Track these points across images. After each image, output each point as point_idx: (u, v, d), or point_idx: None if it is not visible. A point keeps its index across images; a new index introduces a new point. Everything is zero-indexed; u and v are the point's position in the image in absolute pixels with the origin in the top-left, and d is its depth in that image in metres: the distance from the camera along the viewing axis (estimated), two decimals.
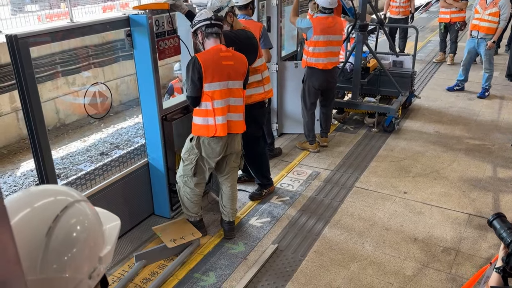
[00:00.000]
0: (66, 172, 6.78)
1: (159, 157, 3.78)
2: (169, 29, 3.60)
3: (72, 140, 8.22)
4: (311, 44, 4.81)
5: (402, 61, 6.21)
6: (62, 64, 8.82)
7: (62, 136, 8.55)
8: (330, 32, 4.79)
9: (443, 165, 4.88)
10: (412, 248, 3.55)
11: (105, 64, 9.62)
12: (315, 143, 5.21)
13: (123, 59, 9.89)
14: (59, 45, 8.53)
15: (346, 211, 4.07)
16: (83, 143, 8.03)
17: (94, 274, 0.89)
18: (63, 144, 8.00)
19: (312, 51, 4.83)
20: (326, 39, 4.79)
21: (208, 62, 3.22)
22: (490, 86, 7.02)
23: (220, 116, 3.26)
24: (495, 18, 6.74)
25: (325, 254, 3.50)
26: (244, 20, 4.28)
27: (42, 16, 10.07)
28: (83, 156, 7.38)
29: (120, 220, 1.02)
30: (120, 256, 3.53)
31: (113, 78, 9.85)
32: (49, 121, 8.70)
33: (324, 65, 4.86)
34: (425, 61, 9.22)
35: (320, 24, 4.73)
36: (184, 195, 3.58)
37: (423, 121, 6.10)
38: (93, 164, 6.90)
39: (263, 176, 4.26)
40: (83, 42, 8.97)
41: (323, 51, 4.82)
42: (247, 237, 3.73)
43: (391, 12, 8.55)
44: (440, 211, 4.04)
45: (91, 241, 0.90)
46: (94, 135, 8.41)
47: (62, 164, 7.06)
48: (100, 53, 9.47)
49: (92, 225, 0.91)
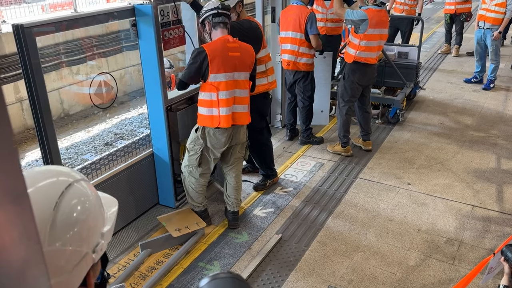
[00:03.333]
0: (71, 162, 6.82)
1: (164, 147, 3.80)
2: (174, 19, 3.60)
3: (76, 130, 8.26)
4: (364, 38, 4.50)
5: (407, 52, 6.18)
6: (66, 54, 8.84)
7: (66, 126, 8.58)
8: (383, 26, 4.57)
9: (447, 156, 4.88)
10: (415, 239, 3.57)
11: (109, 54, 9.62)
12: (348, 146, 4.92)
13: (127, 50, 9.88)
14: (63, 35, 8.54)
15: (349, 202, 4.08)
16: (88, 133, 8.06)
17: (98, 249, 0.95)
18: (67, 135, 8.03)
19: (364, 45, 4.53)
20: (379, 32, 4.55)
21: (215, 53, 3.22)
22: (495, 78, 6.98)
23: (224, 107, 3.27)
24: (502, 8, 6.68)
25: (329, 244, 3.53)
26: (296, 6, 4.69)
27: (46, 6, 10.06)
28: (88, 146, 7.42)
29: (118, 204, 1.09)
30: (125, 245, 3.57)
31: (117, 68, 9.85)
32: (53, 111, 8.72)
33: (373, 60, 4.65)
34: (431, 52, 9.17)
35: (375, 17, 4.46)
36: (189, 185, 3.60)
37: (427, 113, 6.08)
38: (98, 154, 6.94)
39: (267, 167, 4.28)
40: (88, 33, 8.97)
41: (375, 44, 4.58)
42: (251, 227, 3.76)
43: (395, 9, 8.20)
44: (443, 202, 4.05)
45: (94, 217, 0.95)
46: (98, 125, 8.44)
47: (67, 154, 7.10)
48: (104, 44, 9.47)
49: (94, 201, 0.97)
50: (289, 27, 4.72)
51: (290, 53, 4.78)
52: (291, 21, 4.71)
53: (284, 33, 4.79)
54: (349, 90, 4.73)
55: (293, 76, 4.90)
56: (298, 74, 4.87)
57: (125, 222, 3.78)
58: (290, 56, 4.79)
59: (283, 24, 4.81)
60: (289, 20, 4.73)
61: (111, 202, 1.07)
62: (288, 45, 4.77)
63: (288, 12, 4.76)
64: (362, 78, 4.68)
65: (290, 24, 4.71)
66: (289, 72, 4.92)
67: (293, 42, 4.74)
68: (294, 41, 4.74)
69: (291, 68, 4.84)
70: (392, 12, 8.19)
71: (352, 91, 4.73)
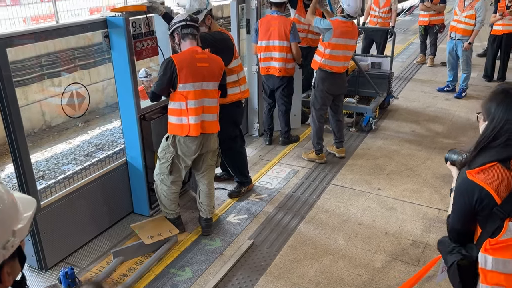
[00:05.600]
0: (50, 173, 6.82)
1: (138, 156, 3.86)
2: (146, 30, 3.70)
3: (58, 142, 8.26)
4: (328, 46, 4.70)
5: (380, 63, 6.36)
6: (47, 67, 8.86)
7: (48, 138, 8.58)
8: (348, 36, 4.72)
9: (417, 162, 5.03)
10: (382, 242, 3.67)
11: (91, 66, 9.67)
12: (322, 153, 5.04)
13: (109, 61, 9.94)
14: (44, 47, 8.58)
15: (321, 208, 4.19)
16: (69, 144, 8.07)
17: (8, 245, 1.02)
18: (48, 146, 8.03)
19: (329, 53, 4.71)
20: (344, 42, 4.72)
21: (183, 63, 3.32)
22: (467, 87, 7.20)
23: (193, 116, 3.37)
24: (472, 20, 6.93)
25: (299, 249, 3.61)
26: (277, 16, 4.93)
27: (27, 19, 10.09)
28: (68, 158, 7.43)
29: (36, 203, 1.17)
30: (98, 253, 3.61)
31: (99, 80, 9.90)
32: (35, 123, 8.73)
33: (338, 69, 4.79)
34: (406, 62, 9.41)
35: (340, 27, 4.65)
36: (161, 193, 3.67)
37: (400, 121, 6.25)
38: (77, 165, 6.96)
39: (241, 174, 4.37)
40: (69, 45, 9.02)
41: (340, 54, 4.74)
42: (224, 233, 3.83)
43: (370, 22, 8.40)
44: (411, 206, 4.18)
45: (5, 215, 1.03)
46: (79, 137, 8.46)
47: (46, 165, 7.10)
48: (86, 56, 9.51)
49: (5, 202, 1.04)
50: (274, 36, 4.97)
51: (281, 60, 5.03)
52: (275, 30, 4.95)
53: (266, 42, 5.01)
54: (319, 98, 4.90)
55: (280, 81, 5.13)
56: (284, 79, 5.13)
57: (99, 230, 3.83)
58: (281, 63, 5.04)
59: (264, 33, 5.01)
60: (272, 29, 4.96)
61: (29, 203, 1.15)
62: (277, 53, 5.02)
63: (270, 22, 4.99)
64: (330, 87, 4.84)
65: (275, 33, 4.96)
66: (277, 78, 5.12)
67: (281, 50, 5.00)
68: (282, 49, 5.00)
69: (282, 74, 5.08)
70: (367, 24, 8.43)
71: (322, 99, 4.90)
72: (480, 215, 1.80)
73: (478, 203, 1.77)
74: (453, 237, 1.98)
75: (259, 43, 5.06)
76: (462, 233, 1.92)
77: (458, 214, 1.90)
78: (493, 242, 1.71)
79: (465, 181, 1.80)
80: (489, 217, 1.76)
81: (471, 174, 1.78)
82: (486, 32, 8.19)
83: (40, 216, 3.25)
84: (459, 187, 1.87)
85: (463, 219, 1.89)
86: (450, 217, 1.99)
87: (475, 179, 1.76)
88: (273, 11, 5.03)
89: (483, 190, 1.74)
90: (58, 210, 3.40)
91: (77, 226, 3.58)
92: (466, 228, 1.91)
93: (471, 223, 1.88)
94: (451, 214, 1.98)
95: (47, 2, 9.70)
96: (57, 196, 3.42)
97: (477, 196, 1.76)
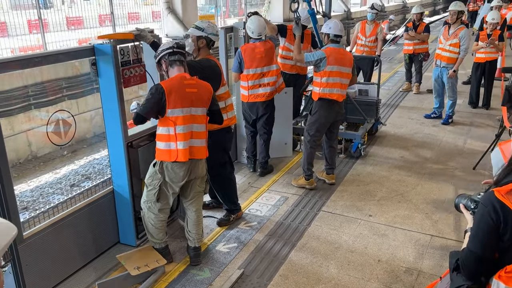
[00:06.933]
0: (34, 205, 6.65)
1: (125, 184, 3.78)
2: (134, 58, 3.70)
3: (44, 172, 8.11)
4: (324, 75, 4.67)
5: (367, 90, 6.43)
6: (34, 97, 8.80)
7: (33, 169, 8.43)
8: (342, 64, 4.70)
9: (407, 188, 5.01)
10: (375, 269, 3.60)
11: (78, 96, 9.63)
12: (311, 179, 5.00)
13: (97, 91, 9.92)
14: (32, 77, 8.55)
15: (312, 235, 4.11)
16: (55, 175, 7.92)
17: None
18: (34, 177, 7.88)
19: (326, 81, 4.68)
20: (338, 69, 4.69)
21: (172, 89, 3.30)
22: (453, 113, 7.30)
23: (181, 142, 3.33)
24: (456, 48, 7.09)
25: (290, 278, 3.52)
26: (259, 43, 4.92)
27: (15, 50, 10.09)
28: (54, 188, 7.28)
29: (17, 230, 1.14)
30: (83, 285, 3.48)
31: (87, 110, 9.85)
32: (21, 154, 8.59)
33: (337, 97, 4.73)
34: (393, 90, 9.55)
35: (333, 54, 4.64)
36: (149, 221, 3.58)
37: (389, 147, 6.28)
38: (63, 195, 6.81)
39: (230, 202, 4.30)
40: (57, 75, 9.00)
41: (337, 81, 4.70)
42: (213, 263, 3.73)
43: (356, 51, 8.55)
44: (403, 233, 4.13)
45: None
46: (66, 167, 8.32)
47: (31, 196, 6.94)
48: (74, 85, 9.49)
49: None
50: (263, 63, 4.95)
51: (272, 84, 5.05)
52: (262, 57, 4.92)
53: (254, 70, 4.95)
54: (315, 125, 4.87)
55: (264, 109, 5.08)
56: (268, 108, 5.10)
57: (84, 261, 3.69)
58: (272, 87, 5.06)
59: (250, 61, 4.93)
60: (259, 56, 4.92)
61: (5, 230, 1.11)
62: (269, 78, 5.02)
63: (254, 50, 4.93)
64: (328, 114, 4.81)
65: (263, 60, 4.94)
66: (261, 106, 5.06)
67: (272, 74, 5.03)
68: (273, 73, 5.04)
69: (271, 98, 5.08)
70: (354, 53, 8.57)
71: (319, 126, 4.87)
72: (502, 240, 1.71)
73: (503, 224, 1.68)
74: (470, 267, 1.83)
75: (245, 71, 4.98)
76: (482, 260, 1.78)
77: (480, 236, 1.78)
78: (509, 269, 1.63)
79: (491, 199, 1.72)
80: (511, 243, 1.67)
81: (499, 192, 1.70)
82: (470, 60, 8.38)
83: (23, 247, 3.12)
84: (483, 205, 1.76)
85: (485, 242, 1.76)
86: (469, 244, 1.85)
87: (503, 198, 1.68)
88: (253, 40, 4.99)
89: (510, 211, 1.66)
90: (42, 241, 3.28)
91: (61, 257, 3.45)
92: (487, 254, 1.77)
93: (493, 249, 1.76)
94: (470, 239, 1.85)
95: (36, 33, 9.74)
96: (41, 226, 3.30)
97: (503, 216, 1.68)
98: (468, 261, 1.85)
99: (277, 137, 5.61)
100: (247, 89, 5.06)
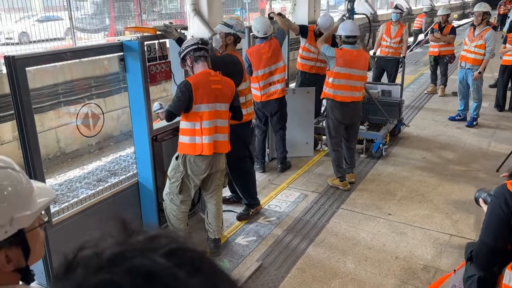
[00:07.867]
0: (62, 197, 6.90)
1: (149, 176, 3.92)
2: (160, 54, 3.83)
3: (71, 168, 8.39)
4: (331, 75, 4.73)
5: (390, 91, 6.42)
6: (64, 94, 9.11)
7: (62, 165, 8.72)
8: (353, 66, 4.68)
9: (428, 189, 4.99)
10: (392, 266, 3.62)
11: (106, 95, 9.92)
12: (345, 181, 4.97)
13: (124, 91, 10.18)
14: (62, 76, 8.86)
15: (331, 231, 4.16)
16: (82, 170, 8.19)
17: (1, 231, 1.01)
18: (62, 172, 8.16)
19: (331, 82, 4.73)
20: (347, 72, 4.68)
21: (199, 85, 3.42)
22: (478, 116, 7.20)
23: (207, 136, 3.45)
24: (481, 50, 7.00)
25: (308, 271, 3.58)
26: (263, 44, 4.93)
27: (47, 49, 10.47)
28: (81, 183, 7.53)
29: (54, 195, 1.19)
30: None
31: (115, 108, 10.12)
32: (50, 150, 8.91)
33: (342, 98, 4.73)
34: (417, 92, 9.46)
35: (344, 56, 4.64)
36: (170, 212, 3.70)
37: (411, 148, 6.24)
38: (90, 190, 7.04)
39: (250, 196, 4.38)
40: (86, 74, 9.30)
41: (342, 83, 4.71)
42: (232, 254, 3.82)
43: (381, 52, 8.50)
44: (422, 231, 4.12)
45: (5, 201, 1.03)
46: (93, 163, 8.59)
47: (60, 190, 7.20)
48: (102, 84, 9.78)
49: (9, 187, 1.05)
50: (271, 61, 4.99)
51: (282, 81, 5.10)
52: (268, 56, 4.95)
53: (263, 70, 4.97)
54: (330, 127, 4.92)
55: (278, 106, 5.11)
56: (282, 103, 5.13)
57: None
58: (282, 84, 5.11)
59: (258, 63, 4.94)
60: (265, 56, 4.94)
61: (46, 192, 1.17)
62: (278, 75, 5.07)
63: (260, 51, 4.94)
64: (340, 116, 4.82)
65: (271, 59, 4.97)
66: (275, 103, 5.10)
67: (281, 71, 5.08)
68: (282, 70, 5.09)
69: (283, 95, 5.12)
70: (378, 54, 8.55)
71: (334, 128, 4.90)
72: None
73: None
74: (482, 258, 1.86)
75: (254, 73, 4.98)
76: (494, 251, 1.82)
77: (492, 227, 1.81)
78: None
79: (503, 191, 1.75)
80: None
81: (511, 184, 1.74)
82: (497, 63, 8.24)
83: (51, 232, 3.29)
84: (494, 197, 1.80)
85: (496, 233, 1.79)
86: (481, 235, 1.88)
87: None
88: (259, 40, 4.99)
89: None
90: (69, 228, 3.44)
91: None
92: (499, 245, 1.80)
93: (505, 239, 1.78)
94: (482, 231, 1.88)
95: None
96: (68, 213, 3.46)
97: None
98: (481, 251, 1.88)
99: (299, 136, 5.67)
100: (259, 89, 5.08)
